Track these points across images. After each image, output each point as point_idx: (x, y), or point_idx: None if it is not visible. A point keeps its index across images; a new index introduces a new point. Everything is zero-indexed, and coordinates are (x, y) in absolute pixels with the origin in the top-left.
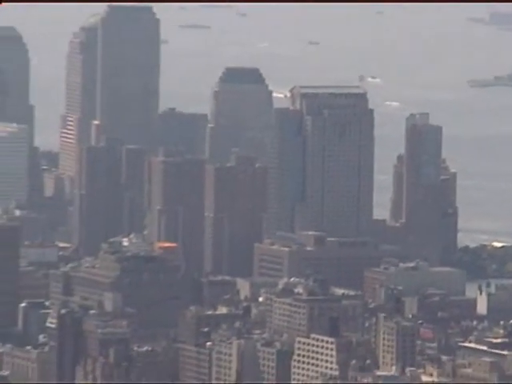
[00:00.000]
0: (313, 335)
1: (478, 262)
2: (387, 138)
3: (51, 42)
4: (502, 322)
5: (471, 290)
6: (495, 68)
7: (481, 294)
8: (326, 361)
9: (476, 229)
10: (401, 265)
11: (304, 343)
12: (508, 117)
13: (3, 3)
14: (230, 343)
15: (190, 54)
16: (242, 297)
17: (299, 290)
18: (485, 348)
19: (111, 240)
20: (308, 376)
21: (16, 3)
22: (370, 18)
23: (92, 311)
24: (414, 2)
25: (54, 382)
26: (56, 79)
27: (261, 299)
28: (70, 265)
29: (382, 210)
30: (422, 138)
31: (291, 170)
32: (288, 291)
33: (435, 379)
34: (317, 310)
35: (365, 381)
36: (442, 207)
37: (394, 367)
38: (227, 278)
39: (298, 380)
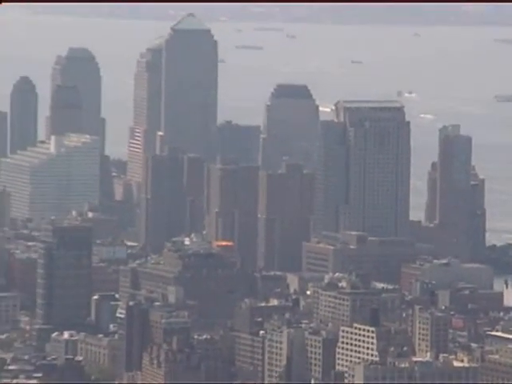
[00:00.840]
0: (355, 325)
1: (505, 259)
2: (422, 148)
3: (120, 61)
4: None
5: (498, 284)
6: None
7: (507, 287)
8: (367, 348)
9: (502, 229)
10: (434, 261)
11: (347, 332)
12: None
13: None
14: (281, 332)
15: (245, 72)
16: (292, 290)
17: (343, 284)
18: (511, 336)
19: (174, 239)
20: (351, 362)
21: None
22: (407, 39)
23: (157, 303)
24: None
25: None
26: (125, 95)
27: (308, 292)
28: (137, 261)
29: (417, 212)
30: (454, 147)
31: (335, 176)
32: (333, 285)
33: (465, 364)
34: (359, 302)
35: (402, 366)
36: (471, 209)
37: (428, 354)
38: (278, 273)
39: (342, 365)
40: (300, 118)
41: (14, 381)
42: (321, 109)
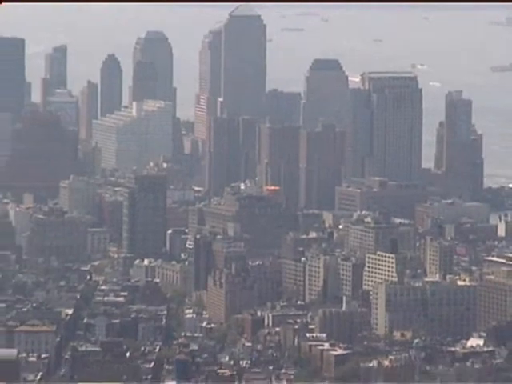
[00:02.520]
0: (378, 252)
1: (498, 199)
2: (432, 109)
3: (188, 42)
4: None
5: (493, 219)
6: (509, 58)
7: (500, 221)
8: (388, 271)
9: (497, 174)
10: (442, 201)
11: (372, 258)
12: None
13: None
14: (319, 259)
15: (288, 49)
16: (327, 225)
17: (368, 219)
18: (504, 261)
19: (232, 185)
20: (375, 282)
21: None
22: (418, 21)
23: (218, 236)
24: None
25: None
26: (191, 69)
27: (340, 226)
28: (202, 203)
29: (428, 161)
30: (457, 109)
31: (362, 133)
32: (360, 221)
33: (467, 283)
34: (381, 234)
35: (416, 285)
36: (471, 159)
37: (437, 275)
38: (316, 211)
39: (368, 285)
40: (332, 87)
41: (105, 298)
42: (350, 79)
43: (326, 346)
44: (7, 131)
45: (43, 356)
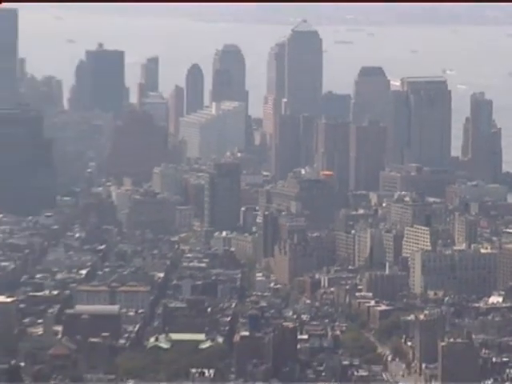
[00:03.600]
0: (415, 226)
1: None
2: (459, 108)
3: (257, 53)
4: None
5: (510, 198)
6: None
7: None
8: (423, 241)
9: None
10: (468, 183)
11: (410, 231)
12: None
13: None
14: (366, 231)
15: (340, 58)
16: (372, 203)
17: (407, 198)
18: None
19: (294, 170)
20: (412, 250)
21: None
22: (448, 35)
23: (283, 213)
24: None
25: (261, 255)
26: (261, 75)
27: (384, 204)
28: (269, 185)
29: (456, 150)
30: (480, 107)
31: (401, 128)
32: (400, 199)
33: (489, 251)
34: (417, 210)
35: (447, 252)
36: (492, 148)
37: (464, 244)
38: (363, 192)
39: (406, 253)
40: (377, 89)
41: (190, 264)
42: (391, 83)
43: (372, 303)
44: (110, 127)
45: (140, 311)
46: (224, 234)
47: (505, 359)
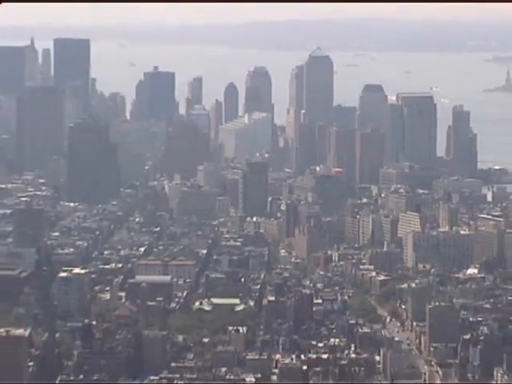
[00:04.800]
0: (408, 212)
1: (487, 176)
2: (443, 117)
3: (281, 74)
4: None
5: (484, 190)
6: (497, 82)
7: (488, 191)
8: (414, 224)
9: (486, 160)
10: (450, 178)
11: (404, 216)
12: (502, 105)
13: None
14: (368, 216)
15: (348, 78)
16: (374, 194)
17: (401, 190)
18: (490, 217)
19: (311, 167)
20: (406, 232)
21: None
22: (435, 59)
23: (302, 202)
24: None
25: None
26: (283, 90)
27: (382, 195)
28: (291, 180)
29: (441, 152)
30: (460, 117)
31: (397, 135)
32: (396, 191)
33: (467, 232)
34: (409, 200)
35: (433, 233)
36: (469, 150)
37: (447, 227)
38: (366, 185)
39: (401, 233)
40: (377, 103)
41: (227, 243)
42: (389, 98)
43: (373, 274)
44: (163, 133)
45: (187, 280)
46: (254, 218)
47: (479, 319)
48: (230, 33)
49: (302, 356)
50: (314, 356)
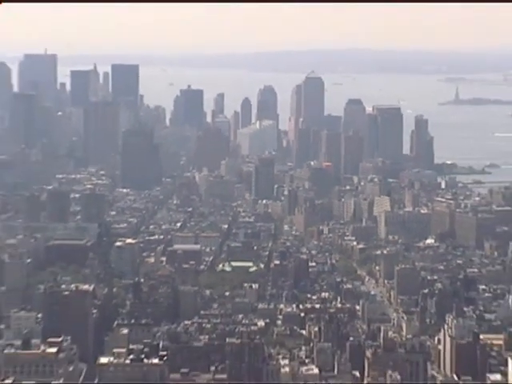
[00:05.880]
0: (381, 196)
1: (442, 169)
2: (408, 124)
3: (283, 91)
4: (450, 191)
5: (439, 179)
6: (448, 97)
7: (442, 180)
8: (386, 205)
9: (441, 156)
10: (413, 170)
11: (378, 199)
12: (452, 115)
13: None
14: (351, 199)
15: (335, 94)
16: (355, 182)
17: (376, 179)
18: (443, 200)
19: (307, 162)
20: (379, 211)
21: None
22: (403, 79)
23: (300, 188)
24: None
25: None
26: (286, 103)
27: (362, 183)
28: (292, 172)
29: (406, 150)
30: (420, 123)
31: (372, 138)
32: (372, 180)
33: (426, 212)
34: (382, 186)
35: (400, 212)
36: (428, 148)
37: (410, 207)
38: (349, 175)
39: (376, 212)
40: (358, 113)
41: (244, 219)
42: (366, 109)
43: (355, 243)
44: (194, 136)
45: (213, 248)
46: (264, 201)
47: (435, 277)
48: (246, 60)
49: (301, 306)
50: (309, 306)
